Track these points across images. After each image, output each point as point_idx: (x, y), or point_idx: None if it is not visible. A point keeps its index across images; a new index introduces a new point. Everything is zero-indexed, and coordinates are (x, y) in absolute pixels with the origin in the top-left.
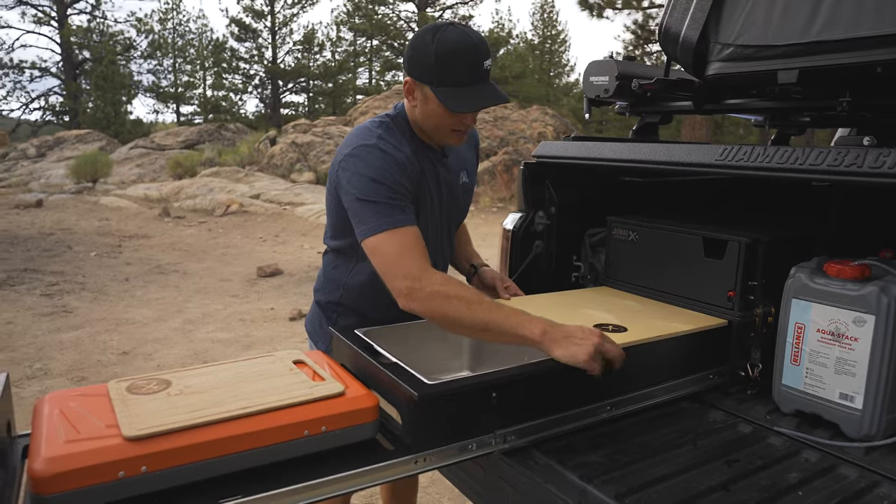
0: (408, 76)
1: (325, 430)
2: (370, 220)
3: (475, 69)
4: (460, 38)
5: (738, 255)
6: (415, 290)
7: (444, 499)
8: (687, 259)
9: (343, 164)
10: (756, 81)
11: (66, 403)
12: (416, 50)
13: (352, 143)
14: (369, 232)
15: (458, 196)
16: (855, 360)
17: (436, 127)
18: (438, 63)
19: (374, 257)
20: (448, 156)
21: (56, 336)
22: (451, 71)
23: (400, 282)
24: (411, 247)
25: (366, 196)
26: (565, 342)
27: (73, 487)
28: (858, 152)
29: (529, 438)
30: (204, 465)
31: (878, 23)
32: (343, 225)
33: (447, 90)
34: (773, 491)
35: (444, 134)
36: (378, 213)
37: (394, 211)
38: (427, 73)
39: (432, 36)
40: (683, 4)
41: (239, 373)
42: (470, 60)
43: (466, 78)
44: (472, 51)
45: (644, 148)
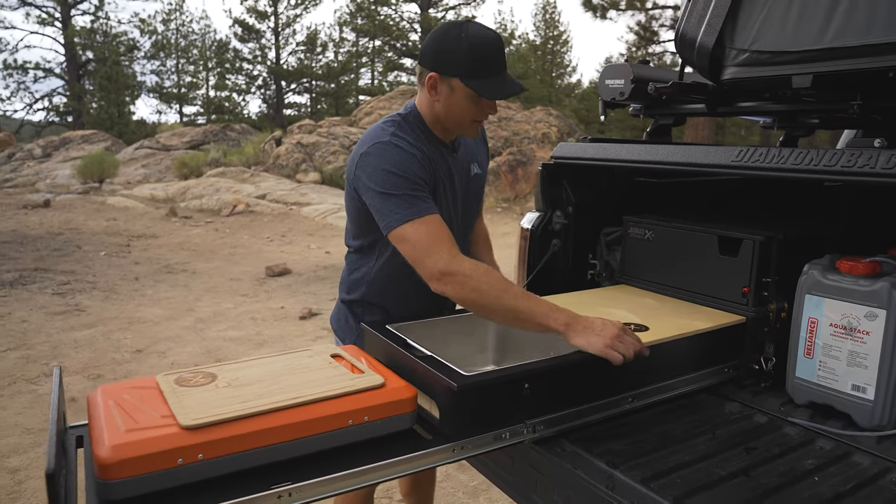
0: (432, 72)
1: (367, 419)
2: (395, 212)
3: (501, 60)
4: (485, 31)
5: (753, 253)
6: (446, 274)
7: (458, 493)
8: (702, 257)
9: (360, 162)
10: (770, 85)
11: (120, 395)
12: (445, 45)
13: (367, 143)
14: (395, 223)
15: (471, 188)
16: (867, 352)
17: (459, 119)
18: (472, 55)
19: (402, 246)
20: (458, 150)
21: (70, 334)
22: (484, 62)
23: (432, 267)
24: (439, 233)
25: (387, 189)
26: (585, 332)
27: (136, 474)
28: (871, 154)
29: (557, 428)
30: (255, 453)
31: (889, 30)
32: (364, 224)
33: (479, 81)
34: (790, 476)
35: (465, 126)
36: (401, 204)
37: (416, 201)
38: (459, 65)
39: (459, 31)
40: (700, 11)
41: (281, 366)
42: (497, 52)
43: (496, 68)
44: (498, 42)
45: (662, 150)
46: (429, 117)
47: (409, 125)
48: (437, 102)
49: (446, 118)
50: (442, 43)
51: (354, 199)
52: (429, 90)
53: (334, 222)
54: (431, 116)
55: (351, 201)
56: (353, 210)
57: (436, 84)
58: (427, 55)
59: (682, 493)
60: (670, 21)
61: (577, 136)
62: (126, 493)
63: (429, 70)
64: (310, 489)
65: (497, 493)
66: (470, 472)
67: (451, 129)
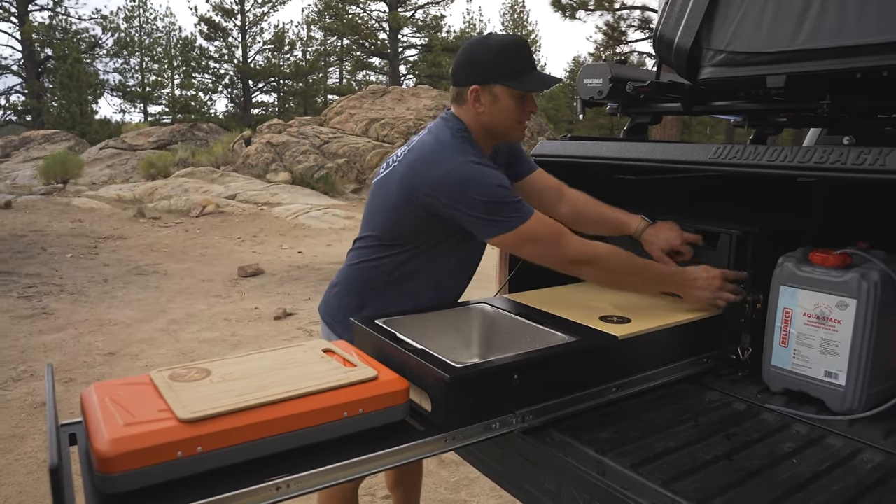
0: (473, 85)
1: (362, 411)
2: (512, 216)
3: (531, 57)
4: (509, 37)
5: (730, 247)
6: (584, 261)
7: (440, 488)
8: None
9: (447, 179)
10: (745, 85)
11: (114, 392)
12: (476, 58)
13: (449, 159)
14: (515, 224)
15: None
16: (838, 340)
17: (507, 123)
18: (503, 58)
19: (526, 245)
20: (496, 162)
21: (38, 338)
22: (517, 61)
23: (567, 255)
24: (557, 226)
25: (497, 198)
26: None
27: (135, 467)
28: (842, 150)
29: (545, 418)
30: (253, 446)
31: (858, 33)
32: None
33: (518, 80)
34: (770, 459)
35: (512, 129)
36: (515, 208)
37: (523, 204)
38: (494, 72)
39: (485, 43)
40: (677, 13)
41: (273, 361)
42: (526, 50)
43: (529, 64)
44: (525, 43)
45: (641, 147)
46: (476, 131)
47: (473, 144)
48: (483, 114)
49: (494, 126)
50: (472, 57)
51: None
52: (473, 104)
53: (306, 222)
54: (478, 130)
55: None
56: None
57: (479, 96)
58: (461, 72)
59: (670, 478)
60: (638, 21)
61: (548, 134)
62: (126, 486)
63: (468, 85)
64: (307, 480)
65: (478, 488)
66: (451, 468)
67: (501, 136)
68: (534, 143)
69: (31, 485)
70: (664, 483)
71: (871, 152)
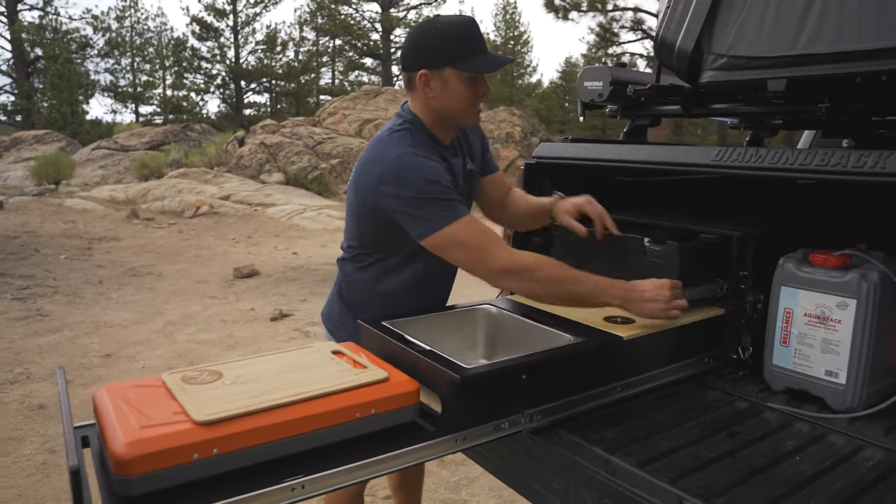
0: (421, 70)
1: (374, 412)
2: (436, 217)
3: (481, 38)
4: (457, 18)
5: (732, 248)
6: (510, 271)
7: (440, 488)
8: (629, 259)
9: (383, 173)
10: (746, 88)
11: (126, 394)
12: (425, 42)
13: (385, 155)
14: (438, 226)
15: (470, 184)
16: (839, 340)
17: (458, 107)
18: (453, 41)
19: (452, 250)
20: (458, 153)
21: (33, 340)
22: (465, 43)
23: (493, 265)
24: (487, 233)
25: (424, 195)
26: (641, 303)
27: (153, 469)
28: (843, 154)
29: (552, 418)
30: (268, 447)
31: (857, 39)
32: (374, 235)
33: (468, 61)
34: (773, 456)
35: (465, 113)
36: (441, 207)
37: (455, 204)
38: (444, 55)
39: (433, 25)
40: (678, 17)
41: (284, 363)
42: (475, 31)
43: (478, 45)
44: (474, 24)
45: (642, 150)
46: (429, 119)
47: (420, 134)
48: (434, 99)
49: (446, 110)
50: (420, 41)
51: (371, 213)
52: (422, 89)
53: (300, 223)
54: (431, 117)
55: (359, 215)
56: (362, 223)
57: (428, 80)
58: (409, 57)
59: (677, 475)
60: (630, 23)
61: (541, 135)
62: (143, 488)
63: (416, 70)
64: (322, 481)
65: (478, 488)
66: (450, 468)
67: (454, 121)
68: (526, 143)
69: (30, 487)
70: (671, 480)
71: (872, 155)
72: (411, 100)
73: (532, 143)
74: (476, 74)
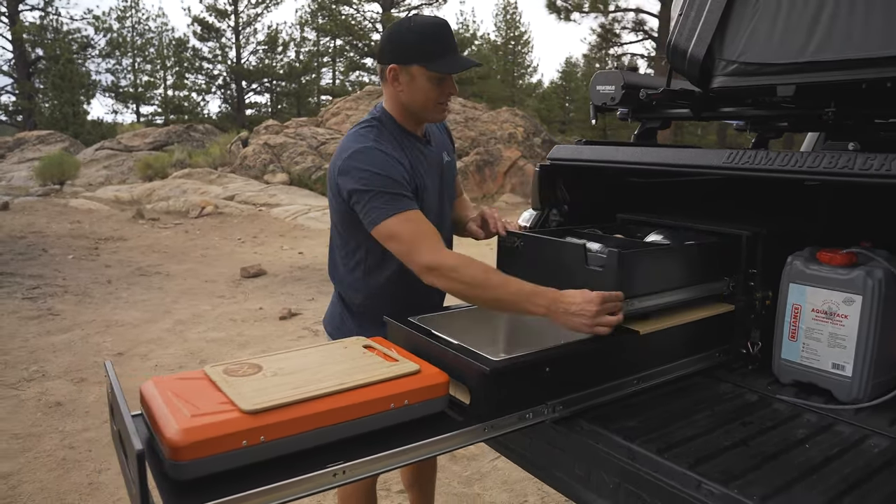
0: (391, 64)
1: (407, 403)
2: (377, 209)
3: (451, 40)
4: (432, 19)
5: (741, 247)
6: (434, 268)
7: (453, 482)
8: (568, 268)
9: (342, 167)
10: (755, 93)
11: (173, 386)
12: (397, 38)
13: (348, 149)
14: (380, 218)
15: (446, 175)
16: (845, 334)
17: (424, 103)
18: (423, 40)
19: (389, 242)
20: (431, 143)
21: (47, 339)
22: (436, 43)
23: (419, 261)
24: (423, 229)
25: (371, 187)
26: (567, 315)
27: (204, 455)
28: (850, 156)
29: (574, 408)
30: (310, 435)
31: (863, 47)
32: (350, 231)
33: (435, 61)
34: (784, 445)
35: (430, 109)
36: (386, 201)
37: (400, 198)
38: (413, 52)
39: (407, 24)
40: (691, 24)
41: (320, 357)
42: (447, 33)
43: (448, 47)
44: (446, 26)
45: (655, 152)
46: (398, 113)
47: (386, 127)
48: (402, 93)
49: (412, 105)
50: (394, 36)
51: (338, 206)
52: (392, 83)
53: (305, 223)
54: (400, 110)
55: (335, 209)
56: (338, 217)
57: (397, 75)
58: (383, 52)
59: (695, 461)
60: (632, 23)
61: (543, 135)
62: (196, 472)
63: (387, 64)
64: (361, 467)
65: (490, 482)
66: (462, 463)
67: (420, 117)
68: (529, 144)
69: (52, 482)
70: (690, 466)
71: (878, 158)
72: (384, 93)
73: (534, 144)
74: (442, 74)
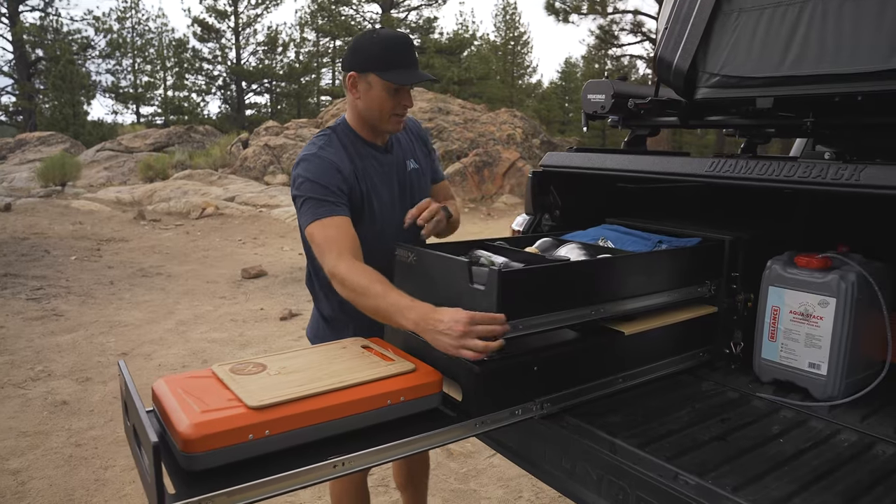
0: (351, 72)
1: (403, 399)
2: (305, 214)
3: (411, 54)
4: (394, 33)
5: (724, 251)
6: (333, 276)
7: (450, 479)
8: (454, 285)
9: (293, 173)
10: (737, 104)
11: (183, 384)
12: (360, 46)
13: (298, 157)
14: (305, 223)
15: (410, 182)
16: (821, 335)
17: (379, 113)
18: (384, 51)
19: (311, 245)
20: (392, 150)
21: (51, 339)
22: (394, 55)
23: (326, 267)
24: (332, 236)
25: (302, 193)
26: (433, 333)
27: (214, 447)
28: (823, 166)
29: (560, 405)
30: (312, 429)
31: (836, 63)
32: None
33: (391, 72)
34: (760, 439)
35: (385, 119)
36: (311, 207)
37: (324, 204)
38: (372, 62)
39: (371, 34)
40: (676, 37)
41: (320, 357)
42: (406, 47)
43: (406, 61)
44: (407, 40)
45: (642, 160)
46: (355, 121)
47: (338, 136)
48: (359, 100)
49: (368, 114)
50: (357, 45)
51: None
52: (350, 89)
53: None
54: (357, 119)
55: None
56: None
57: (355, 82)
58: (346, 59)
59: (673, 454)
60: (630, 25)
61: (542, 137)
62: (206, 464)
63: (348, 71)
64: (359, 459)
65: (486, 478)
66: (459, 461)
67: (375, 125)
68: (527, 145)
69: (60, 478)
70: (668, 459)
71: (848, 168)
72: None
73: (533, 145)
74: (397, 85)
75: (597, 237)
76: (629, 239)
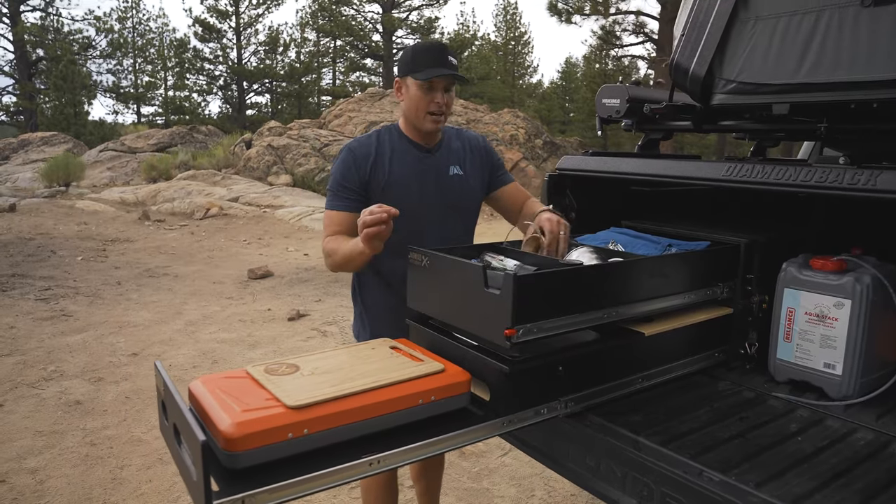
0: (397, 77)
1: (433, 399)
2: (326, 202)
3: (441, 56)
4: (429, 40)
5: (738, 255)
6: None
7: (463, 478)
8: (467, 289)
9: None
10: (752, 110)
11: (220, 384)
12: (402, 56)
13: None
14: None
15: (450, 185)
16: (836, 336)
17: (416, 111)
18: (416, 54)
19: None
20: (436, 153)
21: (62, 339)
22: (424, 57)
23: (322, 246)
24: (327, 224)
25: (329, 185)
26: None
27: (255, 446)
28: (839, 171)
29: (584, 404)
30: (349, 428)
31: (852, 70)
32: None
33: (422, 72)
34: (778, 437)
35: (421, 118)
36: (329, 198)
37: (334, 196)
38: (408, 65)
39: (412, 44)
40: (692, 44)
41: (351, 357)
42: (437, 50)
43: (435, 61)
44: (439, 44)
45: (657, 164)
46: (403, 123)
47: (382, 132)
48: (403, 102)
49: (409, 114)
50: (402, 55)
51: None
52: (397, 93)
53: (309, 224)
54: (404, 120)
55: None
56: None
57: (399, 87)
58: (396, 68)
59: (696, 452)
60: (632, 26)
61: (544, 137)
62: (248, 462)
63: (396, 78)
64: (394, 457)
65: (498, 477)
66: (472, 460)
67: (416, 125)
68: (530, 145)
69: (77, 477)
70: (692, 456)
71: (864, 173)
72: None
73: (535, 145)
74: (430, 84)
75: (607, 240)
76: (639, 242)
